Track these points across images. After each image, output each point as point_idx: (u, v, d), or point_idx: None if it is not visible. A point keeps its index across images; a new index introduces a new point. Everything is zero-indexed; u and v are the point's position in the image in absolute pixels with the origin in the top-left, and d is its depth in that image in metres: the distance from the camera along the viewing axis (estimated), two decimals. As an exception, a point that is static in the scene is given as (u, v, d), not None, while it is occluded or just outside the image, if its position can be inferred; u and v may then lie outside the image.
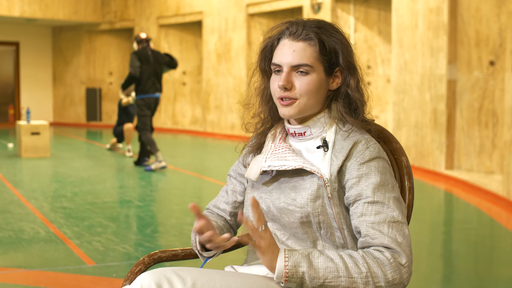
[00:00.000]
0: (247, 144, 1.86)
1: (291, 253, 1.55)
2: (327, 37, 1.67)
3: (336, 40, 1.68)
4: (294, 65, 1.65)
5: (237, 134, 12.96)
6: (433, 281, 3.96)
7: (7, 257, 4.37)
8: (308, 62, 1.65)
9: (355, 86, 1.69)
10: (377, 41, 10.68)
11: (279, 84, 1.66)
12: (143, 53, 8.57)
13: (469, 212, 6.34)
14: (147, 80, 8.51)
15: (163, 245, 4.73)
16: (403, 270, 1.56)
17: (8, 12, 15.32)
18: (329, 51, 1.67)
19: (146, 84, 8.52)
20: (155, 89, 8.62)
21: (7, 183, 7.45)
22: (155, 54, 8.71)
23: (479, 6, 7.73)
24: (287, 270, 1.52)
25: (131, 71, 8.45)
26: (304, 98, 1.66)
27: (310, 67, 1.65)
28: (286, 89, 1.66)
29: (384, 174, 1.64)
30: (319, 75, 1.67)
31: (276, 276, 1.54)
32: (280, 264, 1.53)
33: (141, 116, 8.61)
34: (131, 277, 1.76)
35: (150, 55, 8.59)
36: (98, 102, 17.22)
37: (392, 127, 9.07)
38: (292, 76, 1.67)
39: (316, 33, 1.66)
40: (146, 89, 8.54)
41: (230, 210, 1.86)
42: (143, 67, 8.49)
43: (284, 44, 1.68)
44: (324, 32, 1.67)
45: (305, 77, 1.66)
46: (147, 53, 8.59)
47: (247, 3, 12.98)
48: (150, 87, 8.54)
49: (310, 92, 1.66)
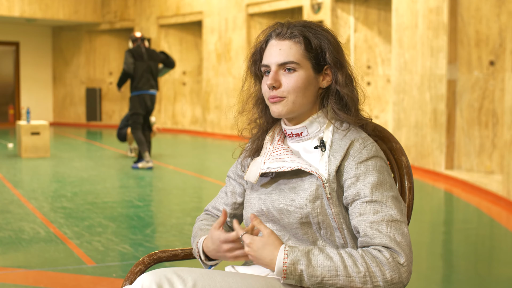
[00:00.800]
0: (244, 149, 1.86)
1: (291, 249, 1.56)
2: (313, 34, 1.68)
3: (322, 37, 1.69)
4: (280, 63, 1.67)
5: (237, 135, 12.94)
6: (433, 281, 3.97)
7: (7, 257, 4.37)
8: (294, 59, 1.66)
9: (343, 82, 1.70)
10: (377, 41, 10.68)
11: (267, 84, 1.68)
12: (137, 50, 8.65)
13: (469, 212, 6.34)
14: (141, 77, 8.57)
15: (163, 245, 4.73)
16: (402, 270, 1.56)
17: (8, 12, 15.32)
18: (315, 48, 1.68)
19: (140, 80, 8.57)
20: (150, 86, 8.65)
21: (7, 183, 7.45)
22: (150, 51, 8.76)
23: (479, 6, 7.73)
24: (286, 267, 1.54)
25: (125, 67, 8.53)
26: (292, 96, 1.67)
27: (297, 64, 1.66)
28: (274, 87, 1.67)
29: (381, 173, 1.64)
30: (307, 72, 1.68)
31: (276, 272, 1.56)
32: (279, 260, 1.55)
33: (133, 114, 8.69)
34: (131, 277, 1.76)
35: (144, 53, 8.65)
36: (98, 102, 17.22)
37: (392, 127, 9.07)
38: (280, 75, 1.68)
39: (301, 31, 1.68)
40: (140, 85, 8.59)
41: (230, 211, 1.87)
42: (137, 64, 8.55)
43: (271, 45, 1.70)
44: (309, 30, 1.69)
45: (292, 75, 1.67)
46: (141, 50, 8.66)
47: (247, 3, 12.98)
48: (144, 83, 8.59)
49: (298, 89, 1.67)
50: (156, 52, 8.93)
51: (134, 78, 8.60)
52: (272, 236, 1.58)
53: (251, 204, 1.75)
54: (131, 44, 8.87)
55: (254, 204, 1.75)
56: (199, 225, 1.86)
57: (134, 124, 8.68)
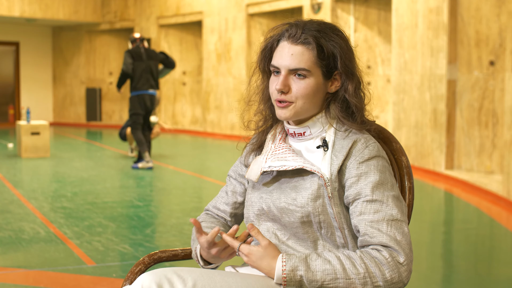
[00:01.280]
0: (248, 143, 1.86)
1: (288, 257, 1.56)
2: (326, 41, 1.66)
3: (335, 44, 1.67)
4: (291, 69, 1.66)
5: (237, 134, 12.95)
6: (433, 281, 3.97)
7: (7, 257, 4.37)
8: (305, 66, 1.65)
9: (353, 91, 1.69)
10: (377, 41, 10.68)
11: (276, 88, 1.67)
12: (136, 50, 8.65)
13: (469, 212, 6.34)
14: (140, 77, 8.57)
15: (163, 245, 4.73)
16: (402, 269, 1.56)
17: (8, 12, 15.31)
18: (327, 56, 1.66)
19: (139, 81, 8.57)
20: (149, 86, 8.64)
21: (7, 183, 7.45)
22: (149, 51, 8.76)
23: (479, 6, 7.73)
24: (285, 275, 1.55)
25: (123, 68, 8.53)
26: (300, 102, 1.67)
27: (308, 71, 1.65)
28: (283, 92, 1.67)
29: (383, 173, 1.64)
30: (317, 79, 1.67)
31: (275, 280, 1.57)
32: (278, 268, 1.56)
33: (132, 114, 8.68)
34: (131, 277, 1.76)
35: (143, 53, 8.65)
36: (98, 102, 17.22)
37: (392, 127, 9.07)
38: (290, 80, 1.67)
39: (315, 37, 1.65)
40: (139, 85, 8.58)
41: (230, 211, 1.87)
42: (136, 64, 8.55)
43: (283, 46, 1.68)
44: (324, 36, 1.66)
45: (303, 81, 1.66)
46: (140, 50, 8.66)
47: (247, 3, 12.98)
48: (143, 83, 8.58)
49: (306, 96, 1.66)
50: (156, 52, 8.93)
51: (133, 78, 8.61)
52: (269, 248, 1.59)
53: (252, 203, 1.76)
54: (130, 45, 8.89)
55: (255, 203, 1.75)
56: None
57: (134, 124, 8.68)
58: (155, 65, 8.75)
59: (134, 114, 8.67)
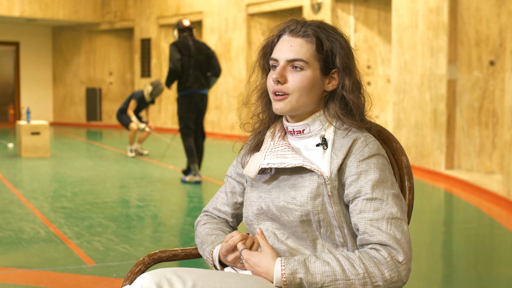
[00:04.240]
0: (245, 144, 1.86)
1: (287, 261, 1.57)
2: (326, 36, 1.68)
3: (334, 41, 1.69)
4: (289, 59, 1.67)
5: (237, 134, 12.94)
6: (433, 281, 3.96)
7: (7, 257, 4.37)
8: (303, 57, 1.66)
9: (350, 88, 1.70)
10: (377, 41, 10.68)
11: (273, 77, 1.68)
12: (183, 42, 7.40)
13: (469, 212, 6.34)
14: (188, 75, 7.38)
15: (163, 245, 4.73)
16: (401, 268, 1.56)
17: (8, 12, 15.32)
18: (326, 50, 1.68)
19: (188, 79, 7.37)
20: (200, 85, 7.44)
21: (7, 183, 7.45)
22: (198, 44, 7.50)
23: (479, 6, 7.73)
24: (285, 278, 1.55)
25: (170, 65, 7.32)
26: (296, 94, 1.67)
27: (305, 63, 1.66)
28: (279, 82, 1.67)
29: (383, 171, 1.65)
30: (314, 72, 1.68)
31: (275, 282, 1.58)
32: (277, 272, 1.56)
33: (181, 117, 7.48)
34: (131, 277, 1.76)
35: (191, 45, 7.41)
36: (98, 102, 17.22)
37: (392, 127, 9.07)
38: (287, 71, 1.68)
39: (315, 31, 1.68)
40: (188, 84, 7.38)
41: (232, 211, 1.87)
42: (184, 59, 7.32)
43: (283, 40, 1.70)
44: (324, 31, 1.69)
45: (299, 73, 1.67)
46: (188, 43, 7.42)
47: (247, 3, 12.98)
48: (193, 82, 7.37)
49: (302, 88, 1.67)
50: (206, 44, 7.65)
51: (181, 75, 7.38)
52: (267, 251, 1.62)
53: (251, 203, 1.75)
54: (176, 34, 7.59)
55: (254, 202, 1.74)
56: (205, 231, 1.84)
57: (184, 129, 7.47)
58: (206, 60, 7.47)
59: (184, 117, 7.45)
